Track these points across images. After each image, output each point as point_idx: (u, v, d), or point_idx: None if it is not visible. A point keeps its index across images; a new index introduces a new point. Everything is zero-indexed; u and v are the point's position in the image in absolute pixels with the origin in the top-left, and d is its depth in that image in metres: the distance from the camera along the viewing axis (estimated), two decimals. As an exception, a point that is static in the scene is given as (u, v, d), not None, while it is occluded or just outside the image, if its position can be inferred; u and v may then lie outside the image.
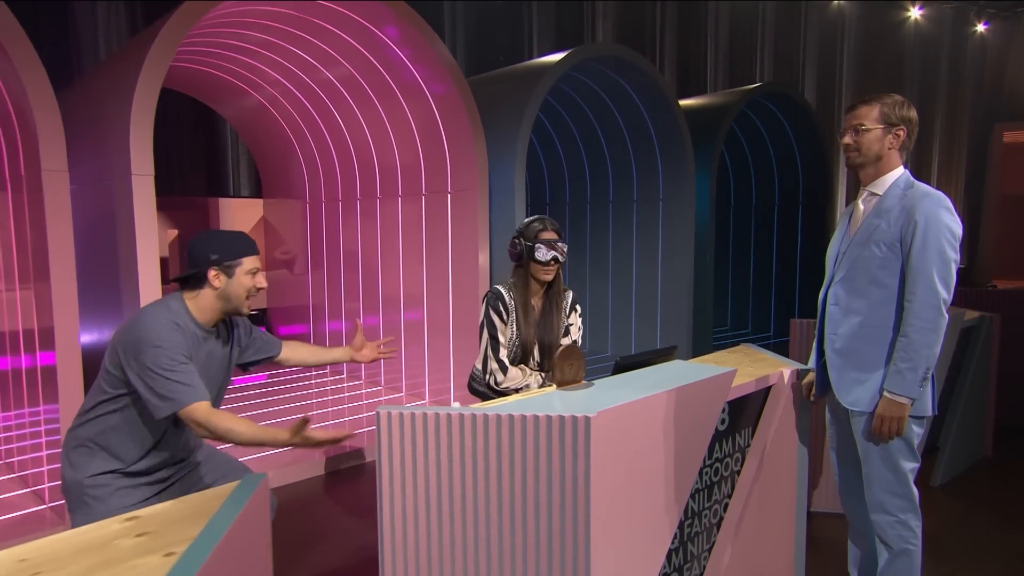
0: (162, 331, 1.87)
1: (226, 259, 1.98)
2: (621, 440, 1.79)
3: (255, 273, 2.04)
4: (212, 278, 1.97)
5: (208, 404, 1.88)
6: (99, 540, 1.27)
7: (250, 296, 2.04)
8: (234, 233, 2.09)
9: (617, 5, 9.15)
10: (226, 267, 1.98)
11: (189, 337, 1.94)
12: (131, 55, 3.47)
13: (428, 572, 1.80)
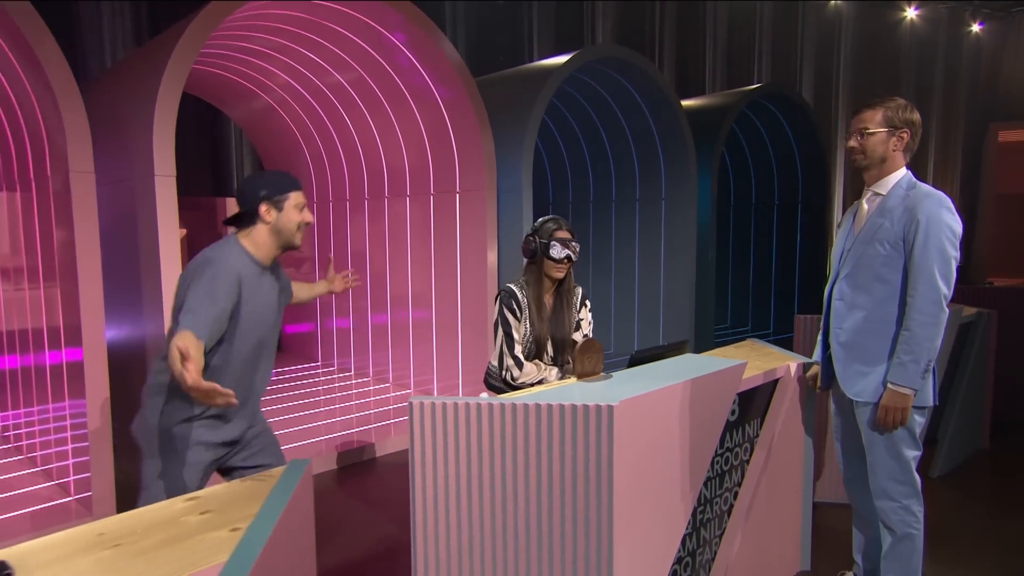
0: (228, 260, 1.98)
1: (275, 194, 2.07)
2: (641, 428, 1.89)
3: (302, 208, 2.13)
4: (263, 213, 2.06)
5: (193, 336, 1.83)
6: (167, 517, 1.36)
7: (300, 229, 2.13)
8: (278, 171, 2.18)
9: (616, 6, 9.24)
10: (275, 201, 2.07)
11: (249, 271, 2.04)
12: (152, 57, 3.55)
13: (459, 553, 1.90)
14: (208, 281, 1.92)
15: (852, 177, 11.35)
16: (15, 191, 3.75)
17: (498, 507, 1.87)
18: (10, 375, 4.12)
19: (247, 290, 2.03)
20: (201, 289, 1.91)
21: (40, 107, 3.13)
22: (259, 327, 2.12)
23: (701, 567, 2.39)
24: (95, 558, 1.20)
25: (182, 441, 2.03)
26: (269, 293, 2.15)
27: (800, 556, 2.79)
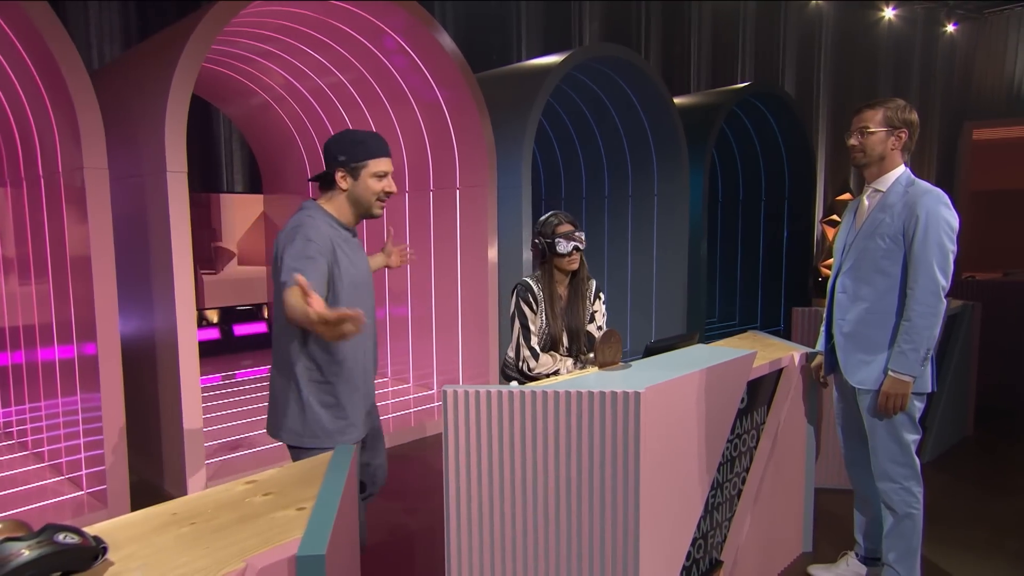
0: (317, 225, 1.93)
1: (352, 160, 1.97)
2: (664, 413, 1.99)
3: (383, 176, 2.02)
4: (339, 180, 1.99)
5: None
6: (232, 498, 1.43)
7: (380, 199, 2.03)
8: (365, 133, 2.06)
9: (603, 6, 9.35)
10: (352, 168, 1.98)
11: (338, 235, 1.99)
12: (161, 53, 3.56)
13: (491, 535, 1.98)
14: (302, 243, 1.87)
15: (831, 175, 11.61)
16: (21, 187, 3.73)
17: (528, 491, 1.95)
18: (13, 370, 4.11)
19: (341, 253, 1.97)
20: (296, 251, 1.86)
21: (52, 104, 3.14)
22: (360, 293, 2.06)
23: (713, 548, 2.50)
24: (175, 534, 1.26)
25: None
26: (362, 258, 2.10)
27: (803, 537, 2.92)
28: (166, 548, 1.20)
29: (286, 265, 1.85)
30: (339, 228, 2.03)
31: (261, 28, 4.48)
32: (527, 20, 8.79)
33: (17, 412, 4.04)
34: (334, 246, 1.95)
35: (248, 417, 4.61)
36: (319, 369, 2.04)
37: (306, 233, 1.90)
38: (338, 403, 2.08)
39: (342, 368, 2.07)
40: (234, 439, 4.19)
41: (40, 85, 3.14)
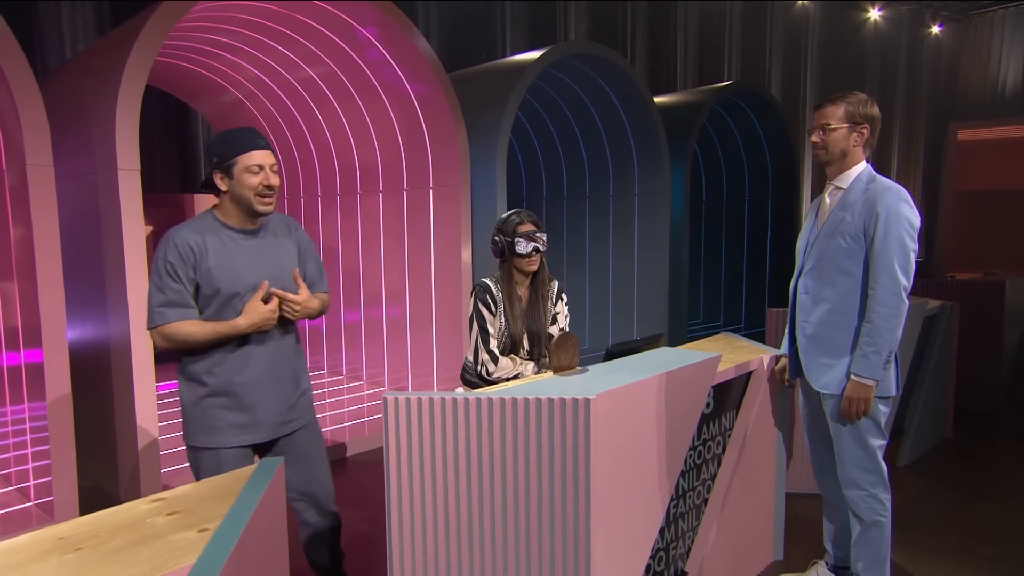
0: (175, 236, 1.94)
1: (224, 160, 1.92)
2: (618, 421, 1.89)
3: (259, 170, 1.93)
4: (218, 182, 1.94)
5: (173, 324, 1.92)
6: (133, 518, 1.32)
7: (261, 195, 1.95)
8: (236, 130, 2.00)
9: (589, 5, 9.28)
10: (226, 168, 1.92)
11: (217, 237, 1.96)
12: (114, 49, 3.44)
13: (435, 549, 1.88)
14: (155, 271, 1.94)
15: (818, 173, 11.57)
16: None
17: (475, 502, 1.85)
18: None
19: (214, 255, 1.94)
20: (154, 279, 1.94)
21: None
22: (243, 287, 1.99)
23: (678, 558, 2.41)
24: (56, 562, 1.15)
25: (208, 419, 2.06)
26: (257, 255, 2.02)
27: (773, 546, 2.83)
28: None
29: (152, 294, 1.95)
30: (227, 230, 1.98)
31: (227, 23, 4.36)
32: (511, 19, 8.71)
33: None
34: (195, 250, 1.93)
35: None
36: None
37: (160, 252, 1.94)
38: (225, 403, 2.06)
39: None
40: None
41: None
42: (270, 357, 2.08)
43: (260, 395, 2.06)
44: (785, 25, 11.32)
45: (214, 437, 2.03)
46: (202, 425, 2.04)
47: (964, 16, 11.93)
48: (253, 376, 2.04)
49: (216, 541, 1.21)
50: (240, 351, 2.02)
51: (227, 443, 2.03)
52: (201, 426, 2.04)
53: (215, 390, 2.01)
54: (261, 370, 2.05)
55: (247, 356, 2.03)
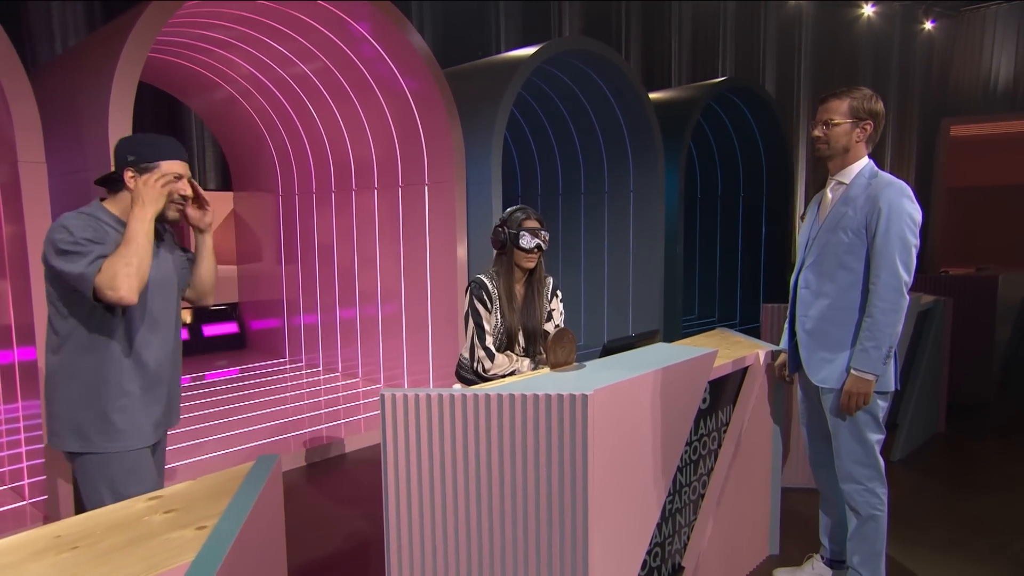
0: (69, 219, 1.82)
1: (142, 161, 1.89)
2: (615, 416, 1.89)
3: (177, 179, 1.92)
4: (128, 180, 1.89)
5: (106, 264, 1.78)
6: (129, 517, 1.31)
7: (174, 202, 1.94)
8: (157, 136, 1.98)
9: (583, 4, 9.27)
10: (141, 169, 1.89)
11: (107, 233, 1.87)
12: (105, 46, 3.42)
13: (432, 545, 1.88)
14: (67, 235, 1.77)
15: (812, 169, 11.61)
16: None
17: (472, 498, 1.85)
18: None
19: (109, 247, 1.83)
20: (69, 243, 1.77)
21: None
22: (162, 291, 1.98)
23: (675, 553, 2.42)
24: (51, 562, 1.14)
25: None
26: (164, 258, 2.01)
27: (768, 540, 2.84)
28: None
29: (70, 261, 1.76)
30: (115, 226, 1.90)
31: (220, 19, 4.33)
32: (505, 18, 8.69)
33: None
34: (98, 237, 1.82)
35: (216, 419, 4.48)
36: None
37: (65, 222, 1.80)
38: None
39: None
40: (198, 442, 4.06)
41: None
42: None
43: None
44: (779, 22, 11.34)
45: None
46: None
47: (957, 12, 11.98)
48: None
49: (213, 539, 1.21)
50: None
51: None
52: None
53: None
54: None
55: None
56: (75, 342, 1.90)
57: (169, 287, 2.06)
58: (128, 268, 1.77)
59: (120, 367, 1.93)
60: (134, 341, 1.95)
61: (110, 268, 1.77)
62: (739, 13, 10.80)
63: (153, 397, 2.02)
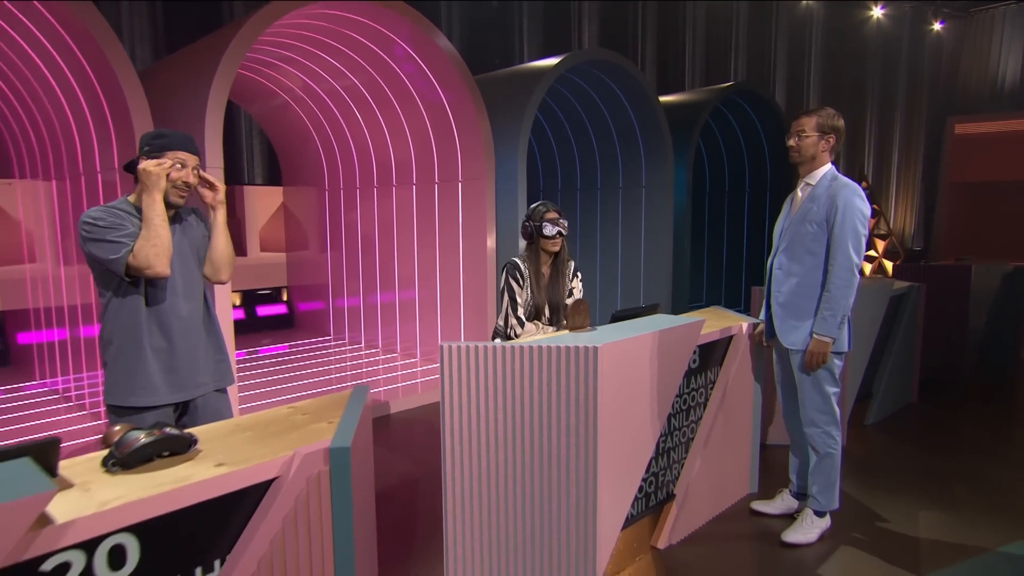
0: (91, 211, 2.10)
1: (153, 152, 2.12)
2: (619, 367, 2.46)
3: (181, 167, 2.14)
4: (139, 167, 2.10)
5: (136, 246, 2.03)
6: (280, 416, 1.92)
7: (177, 187, 2.14)
8: (170, 130, 2.21)
9: (600, 8, 9.75)
10: (152, 158, 2.11)
11: (123, 219, 2.10)
12: (199, 60, 4.03)
13: (478, 461, 2.46)
14: (95, 222, 2.06)
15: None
16: (65, 180, 4.23)
17: (509, 428, 2.43)
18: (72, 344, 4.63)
19: (135, 232, 2.09)
20: (101, 226, 2.06)
21: (110, 108, 3.62)
22: (183, 265, 2.22)
23: (669, 482, 2.99)
24: (242, 437, 1.74)
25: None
26: (182, 238, 2.25)
27: (749, 481, 3.40)
28: (237, 444, 1.69)
29: (100, 247, 2.05)
30: (136, 214, 2.13)
31: (282, 36, 4.94)
32: (528, 23, 9.21)
33: (76, 380, 4.56)
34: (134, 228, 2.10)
35: (271, 386, 5.11)
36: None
37: (90, 214, 2.09)
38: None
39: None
40: (255, 404, 4.69)
41: (99, 90, 3.62)
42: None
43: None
44: (790, 24, 11.71)
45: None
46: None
47: (966, 13, 12.27)
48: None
49: (342, 426, 1.80)
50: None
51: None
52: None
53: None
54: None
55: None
56: (111, 311, 2.17)
57: (188, 260, 2.27)
58: (154, 248, 2.04)
59: (145, 331, 2.16)
60: (157, 308, 2.18)
61: (140, 251, 2.03)
62: (751, 16, 11.21)
63: (176, 359, 2.22)
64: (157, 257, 2.05)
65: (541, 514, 2.43)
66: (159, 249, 2.05)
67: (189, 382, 2.26)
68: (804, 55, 11.96)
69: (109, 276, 2.13)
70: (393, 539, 2.92)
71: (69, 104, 4.03)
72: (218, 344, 2.40)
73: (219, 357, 2.39)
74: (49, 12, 3.44)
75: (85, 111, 3.94)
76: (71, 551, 1.27)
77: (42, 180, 4.74)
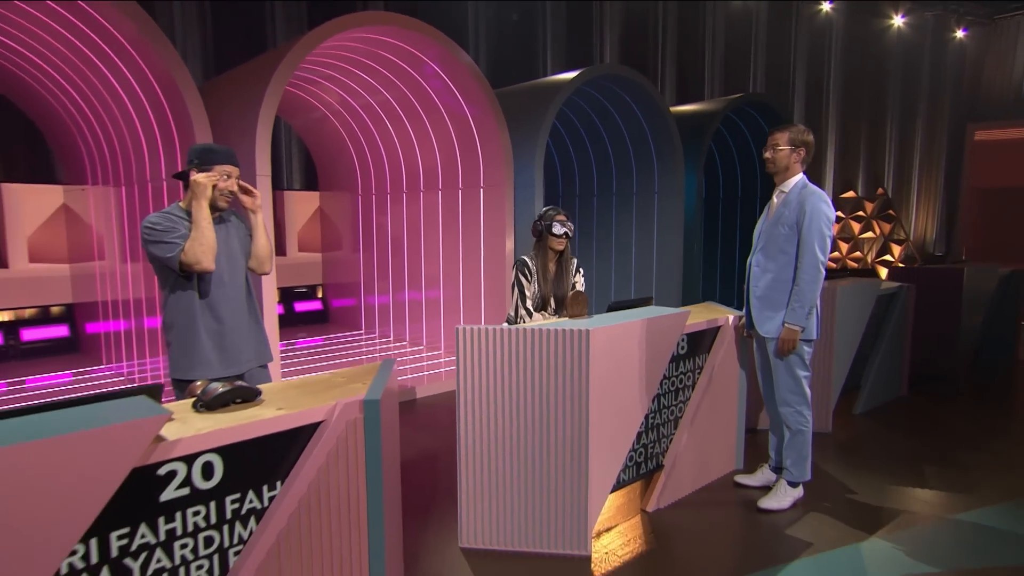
0: (149, 218, 2.49)
1: (202, 164, 2.50)
2: (610, 349, 2.87)
3: (227, 177, 2.53)
4: (191, 178, 2.50)
5: (187, 245, 2.42)
6: (323, 379, 2.38)
7: (223, 195, 2.55)
8: (214, 145, 2.59)
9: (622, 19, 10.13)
10: (201, 169, 2.50)
11: (175, 222, 2.47)
12: (250, 79, 4.57)
13: (486, 430, 2.89)
14: (150, 227, 2.46)
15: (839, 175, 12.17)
16: (133, 186, 4.80)
17: (514, 400, 2.86)
18: (124, 334, 5.21)
19: (185, 233, 2.46)
20: (157, 230, 2.46)
21: (175, 122, 4.17)
22: (229, 261, 2.60)
23: (658, 453, 3.38)
24: (296, 391, 2.21)
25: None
26: (228, 238, 2.63)
27: (735, 459, 3.77)
28: (292, 396, 2.15)
29: (158, 247, 2.45)
30: (187, 218, 2.51)
31: (323, 57, 5.47)
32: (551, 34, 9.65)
33: (139, 364, 5.13)
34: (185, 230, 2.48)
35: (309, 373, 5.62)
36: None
37: (148, 219, 2.49)
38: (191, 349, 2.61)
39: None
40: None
41: (165, 107, 4.17)
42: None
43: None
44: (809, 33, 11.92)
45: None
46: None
47: (990, 20, 12.32)
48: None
49: (375, 383, 2.26)
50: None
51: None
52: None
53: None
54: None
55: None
56: (171, 301, 2.57)
57: (233, 255, 2.65)
58: (201, 247, 2.43)
59: (199, 316, 2.57)
60: (207, 297, 2.59)
61: (191, 250, 2.42)
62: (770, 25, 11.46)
63: (226, 339, 2.61)
64: (204, 254, 2.44)
65: (541, 475, 2.86)
66: (205, 247, 2.44)
67: (237, 358, 2.66)
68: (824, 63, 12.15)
69: (167, 272, 2.52)
70: (416, 497, 3.37)
71: (139, 118, 4.61)
72: (259, 326, 2.81)
73: (260, 338, 2.80)
74: (123, 36, 4.00)
75: (153, 125, 4.51)
76: (176, 462, 1.74)
77: (112, 186, 5.33)
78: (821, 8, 11.94)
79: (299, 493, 1.99)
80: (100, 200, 5.54)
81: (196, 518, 1.79)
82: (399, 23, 4.88)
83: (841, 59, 12.23)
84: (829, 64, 12.21)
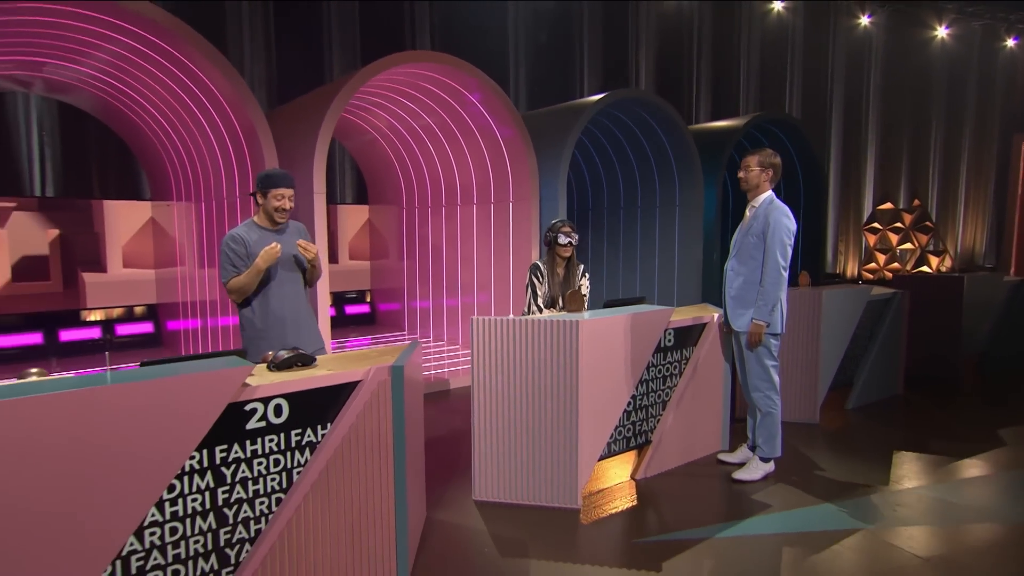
0: (232, 232, 3.15)
1: (262, 189, 3.15)
2: (598, 339, 3.45)
3: (281, 198, 3.14)
4: (258, 198, 3.18)
5: (234, 279, 3.12)
6: (364, 352, 3.06)
7: (278, 211, 3.16)
8: (273, 171, 3.20)
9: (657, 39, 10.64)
10: (263, 192, 3.15)
11: (255, 234, 3.15)
12: (311, 108, 5.37)
13: (497, 409, 3.52)
14: (226, 249, 3.13)
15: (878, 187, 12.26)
16: (211, 202, 5.67)
17: (518, 380, 3.47)
18: (200, 330, 6.08)
19: (253, 245, 3.13)
20: (224, 255, 3.15)
21: (248, 146, 4.99)
22: (283, 266, 3.20)
23: (646, 431, 3.93)
24: (342, 360, 2.89)
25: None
26: (288, 245, 3.22)
27: (720, 441, 4.27)
28: (339, 362, 2.83)
29: (223, 265, 3.15)
30: (261, 230, 3.21)
31: (374, 87, 6.26)
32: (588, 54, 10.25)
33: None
34: (246, 243, 3.14)
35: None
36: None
37: (225, 245, 3.16)
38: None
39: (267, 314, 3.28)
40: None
41: (239, 133, 5.00)
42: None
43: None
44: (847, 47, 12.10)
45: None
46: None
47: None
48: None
49: (400, 358, 2.92)
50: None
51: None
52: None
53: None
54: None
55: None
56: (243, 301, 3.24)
57: (290, 261, 3.26)
58: (239, 288, 3.11)
59: (266, 313, 3.21)
60: (267, 296, 3.21)
61: (234, 283, 3.10)
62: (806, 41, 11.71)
63: (279, 333, 3.21)
64: (237, 293, 3.16)
65: (540, 441, 3.46)
66: (239, 292, 3.15)
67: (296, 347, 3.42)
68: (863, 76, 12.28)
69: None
70: (442, 463, 4.02)
71: (217, 142, 5.47)
72: (313, 322, 3.46)
73: (313, 332, 3.43)
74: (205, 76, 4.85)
75: (229, 148, 5.35)
76: (257, 402, 2.43)
77: (192, 202, 6.24)
78: (859, 22, 12.15)
79: (342, 432, 2.66)
80: (182, 214, 6.47)
81: (270, 444, 2.48)
82: (448, 63, 5.62)
83: (881, 71, 12.36)
84: (868, 77, 12.36)
